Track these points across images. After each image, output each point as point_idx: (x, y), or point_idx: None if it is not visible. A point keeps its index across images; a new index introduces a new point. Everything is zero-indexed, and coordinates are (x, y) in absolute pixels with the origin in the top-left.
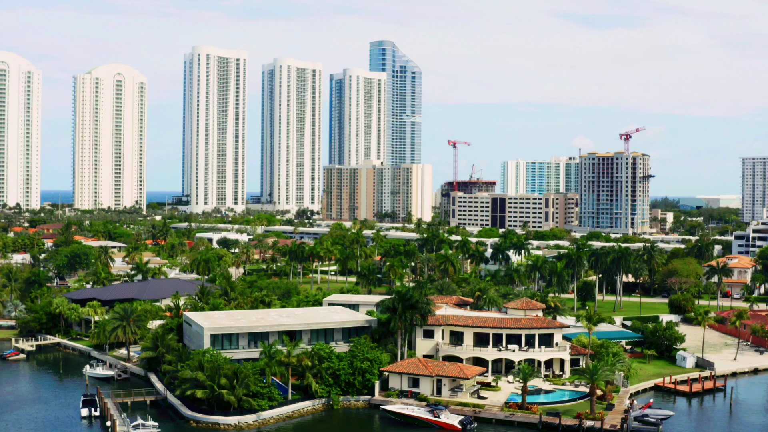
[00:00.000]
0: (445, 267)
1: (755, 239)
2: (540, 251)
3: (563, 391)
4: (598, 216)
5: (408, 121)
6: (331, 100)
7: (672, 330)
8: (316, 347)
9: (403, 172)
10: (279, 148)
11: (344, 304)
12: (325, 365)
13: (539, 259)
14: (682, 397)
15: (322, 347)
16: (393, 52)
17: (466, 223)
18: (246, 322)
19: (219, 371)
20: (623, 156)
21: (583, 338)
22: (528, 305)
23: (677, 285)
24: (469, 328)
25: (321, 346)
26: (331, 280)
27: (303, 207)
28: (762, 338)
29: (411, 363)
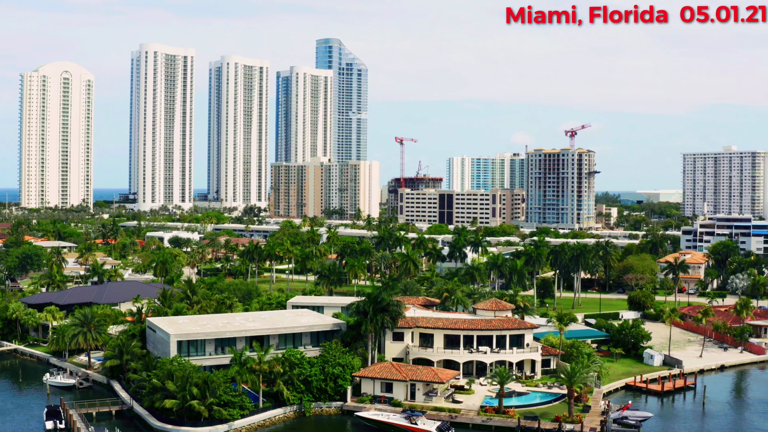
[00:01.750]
0: (407, 266)
1: (702, 234)
2: (495, 248)
3: (536, 393)
4: (545, 211)
5: (354, 118)
6: (278, 97)
7: (638, 328)
8: (287, 353)
9: (350, 169)
10: (226, 145)
11: (309, 306)
12: (297, 371)
13: (499, 257)
14: (654, 397)
15: (292, 353)
16: (339, 50)
17: (414, 220)
18: (213, 328)
19: (189, 380)
20: (569, 152)
21: (552, 338)
22: (497, 306)
23: (633, 281)
24: (440, 330)
25: (291, 352)
26: (288, 280)
27: (250, 204)
28: (724, 334)
29: (384, 367)
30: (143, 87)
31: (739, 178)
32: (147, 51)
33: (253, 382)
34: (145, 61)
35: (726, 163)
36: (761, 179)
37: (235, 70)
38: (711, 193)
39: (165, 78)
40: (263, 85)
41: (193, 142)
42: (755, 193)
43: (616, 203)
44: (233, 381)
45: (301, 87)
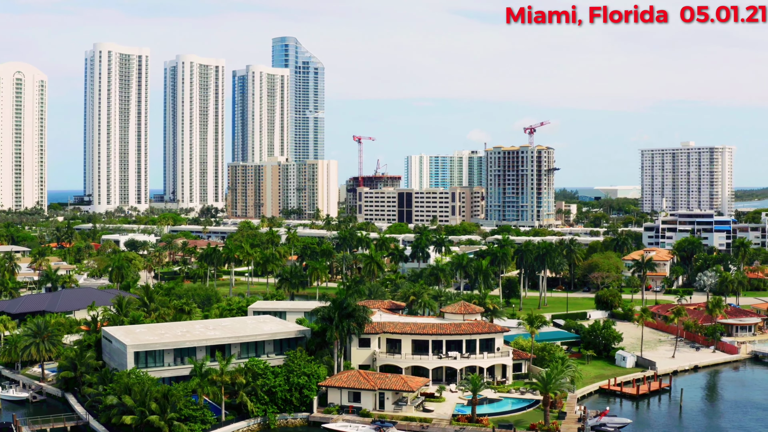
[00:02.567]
0: (371, 268)
1: (665, 230)
2: (457, 248)
3: (509, 400)
4: (505, 209)
5: (312, 117)
6: (234, 96)
7: (609, 329)
8: (250, 362)
9: (308, 168)
10: (182, 145)
11: (271, 311)
12: (260, 382)
13: (464, 257)
14: (629, 400)
15: (255, 362)
16: (296, 49)
17: (374, 219)
18: (171, 337)
19: (148, 394)
20: (528, 149)
21: (522, 341)
22: (466, 309)
23: (599, 280)
24: (408, 335)
25: (254, 362)
26: (248, 283)
27: (207, 205)
28: (695, 333)
29: (351, 376)
30: (97, 87)
31: (698, 174)
32: (101, 50)
33: (215, 394)
34: (99, 60)
35: (684, 158)
36: (719, 174)
37: (191, 70)
38: (669, 188)
39: (119, 78)
40: (219, 84)
41: (148, 142)
42: (713, 189)
43: (574, 200)
44: (194, 393)
45: (257, 86)
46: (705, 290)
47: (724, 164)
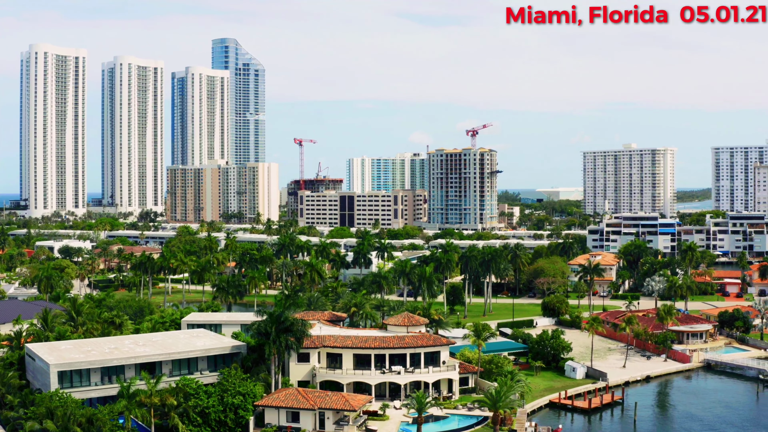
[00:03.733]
0: (311, 276)
1: (609, 233)
2: (400, 253)
3: (456, 416)
4: (447, 212)
5: (252, 120)
6: (174, 98)
7: (558, 339)
8: (181, 382)
9: (248, 172)
10: (120, 148)
11: (206, 324)
12: (192, 402)
13: (407, 263)
14: (581, 415)
15: (187, 381)
16: (236, 50)
17: (315, 222)
18: (98, 355)
19: (72, 418)
20: (471, 152)
21: (468, 352)
22: (410, 320)
23: (545, 285)
24: (349, 349)
25: (186, 380)
26: (185, 291)
27: (146, 209)
28: (645, 341)
29: (289, 394)
30: (33, 89)
31: (640, 176)
32: (37, 51)
33: (144, 416)
34: (35, 62)
35: (626, 160)
36: (661, 176)
37: (129, 71)
38: (611, 190)
39: (56, 79)
40: (158, 86)
41: (86, 145)
42: (655, 190)
43: (517, 202)
44: (121, 416)
45: (197, 88)
46: (653, 295)
47: (666, 166)
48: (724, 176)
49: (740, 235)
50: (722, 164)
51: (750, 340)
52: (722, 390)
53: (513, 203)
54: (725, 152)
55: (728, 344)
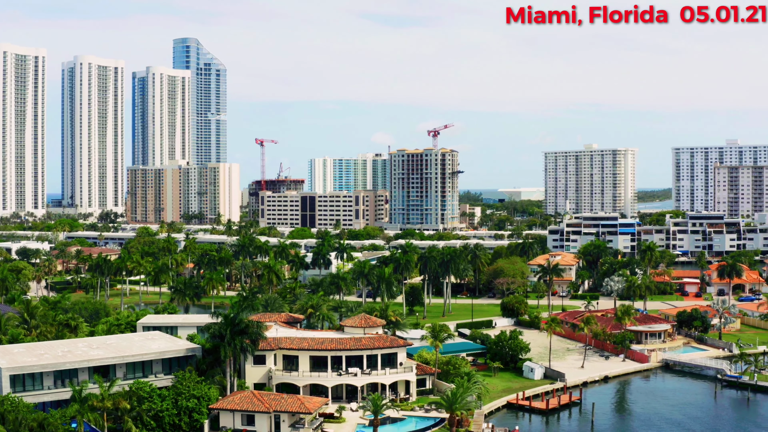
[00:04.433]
0: (269, 278)
1: (570, 234)
2: (360, 254)
3: (413, 418)
4: (409, 212)
5: (213, 120)
6: (134, 98)
7: (516, 339)
8: (134, 385)
9: (209, 172)
10: (80, 148)
11: (162, 326)
12: (146, 406)
13: (366, 264)
14: (539, 415)
15: (141, 385)
16: (197, 50)
17: (276, 223)
18: (51, 358)
19: (23, 423)
20: (432, 152)
21: (426, 353)
22: (367, 322)
23: (505, 285)
24: (305, 351)
25: (140, 384)
26: (143, 293)
27: (107, 209)
28: (604, 341)
29: (244, 397)
30: None
31: (601, 176)
32: None
33: (97, 420)
34: None
35: (587, 161)
36: (622, 176)
37: (89, 71)
38: (573, 190)
39: (15, 79)
40: (118, 86)
41: (45, 145)
42: (616, 191)
43: (478, 202)
44: (74, 420)
45: (158, 88)
46: (612, 295)
47: (627, 166)
48: (685, 176)
49: (699, 234)
50: (683, 164)
51: (708, 340)
52: (680, 390)
53: (474, 203)
54: (686, 153)
55: (687, 344)
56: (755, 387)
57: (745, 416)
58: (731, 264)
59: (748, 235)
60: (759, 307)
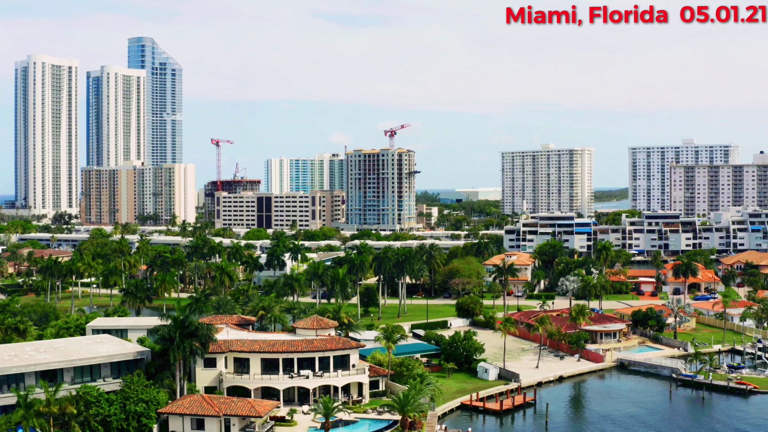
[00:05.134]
0: (222, 279)
1: (526, 233)
2: (315, 255)
3: (366, 421)
4: (366, 213)
5: (169, 120)
6: (89, 98)
7: (471, 340)
8: (82, 390)
9: (164, 173)
10: (34, 149)
11: (111, 329)
12: (93, 411)
13: (320, 265)
14: (493, 416)
15: (88, 389)
16: (153, 49)
17: (232, 224)
18: None
19: None
20: (389, 152)
21: (379, 355)
22: (319, 323)
23: (460, 286)
24: (256, 353)
25: (87, 388)
26: (95, 295)
27: (61, 211)
28: (559, 341)
29: (194, 401)
30: None
31: (557, 176)
32: None
33: (43, 426)
34: None
35: (544, 160)
36: (578, 176)
37: (42, 70)
38: (530, 190)
39: None
40: (73, 85)
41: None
42: (573, 190)
43: (436, 202)
44: (19, 426)
45: (112, 87)
46: (567, 295)
47: (584, 166)
48: (641, 176)
49: (655, 234)
50: (639, 164)
51: (663, 339)
52: (636, 389)
53: (432, 204)
54: (642, 152)
55: (642, 343)
56: (710, 386)
57: (700, 415)
58: (687, 263)
59: (704, 234)
60: (714, 306)
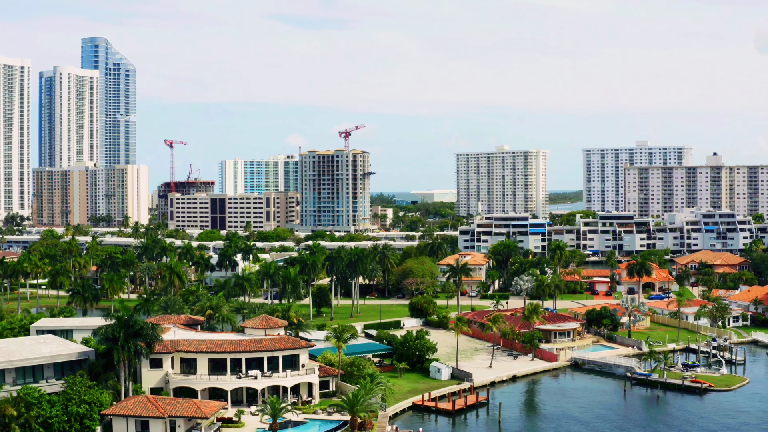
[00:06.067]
0: (171, 279)
1: (480, 234)
2: (267, 255)
3: (315, 421)
4: (320, 214)
5: (122, 121)
6: (41, 99)
7: (423, 339)
8: (23, 391)
9: (117, 174)
10: None
11: (56, 330)
12: (34, 412)
13: (271, 265)
14: (445, 416)
15: (29, 390)
16: (106, 50)
17: (186, 226)
18: None
19: None
20: (343, 153)
21: (330, 355)
22: (268, 323)
23: (414, 286)
24: (204, 353)
25: (28, 389)
26: (43, 296)
27: (12, 212)
28: (513, 341)
29: (138, 403)
30: None
31: (512, 177)
32: None
33: None
34: None
35: (499, 162)
36: (533, 178)
37: None
38: (485, 192)
39: None
40: (25, 85)
41: None
42: (528, 192)
43: (391, 204)
44: None
45: (65, 88)
46: (521, 295)
47: (538, 168)
48: (595, 177)
49: (610, 234)
50: (593, 166)
51: (618, 338)
52: (590, 388)
53: (387, 205)
54: (596, 154)
55: (596, 342)
56: (665, 384)
57: (654, 414)
58: (641, 263)
59: (658, 234)
60: (669, 305)
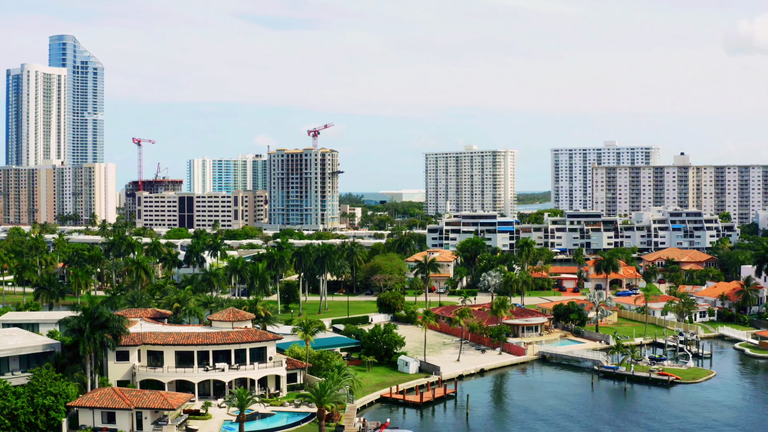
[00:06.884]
0: (138, 274)
1: (449, 232)
2: (235, 252)
3: (283, 414)
4: (289, 213)
5: (90, 119)
6: (8, 97)
7: (391, 333)
8: None
9: (85, 172)
10: None
11: (22, 323)
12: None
13: (239, 260)
14: (413, 409)
15: None
16: (74, 47)
17: (153, 224)
18: None
19: None
20: (312, 152)
21: (298, 348)
22: (235, 316)
23: (382, 282)
24: (170, 346)
25: None
26: (9, 292)
27: None
28: (480, 335)
29: (105, 394)
30: None
31: (481, 177)
32: None
33: None
34: None
35: (467, 162)
36: (502, 177)
37: None
38: (453, 191)
39: None
40: None
41: None
42: (496, 191)
43: (360, 204)
44: None
45: (32, 86)
46: (489, 290)
47: (507, 167)
48: (564, 177)
49: (577, 233)
50: (561, 165)
51: (585, 333)
52: (557, 382)
53: (356, 205)
54: (564, 154)
55: (564, 337)
56: (632, 377)
57: (622, 406)
58: (608, 259)
59: (626, 233)
60: (636, 300)
